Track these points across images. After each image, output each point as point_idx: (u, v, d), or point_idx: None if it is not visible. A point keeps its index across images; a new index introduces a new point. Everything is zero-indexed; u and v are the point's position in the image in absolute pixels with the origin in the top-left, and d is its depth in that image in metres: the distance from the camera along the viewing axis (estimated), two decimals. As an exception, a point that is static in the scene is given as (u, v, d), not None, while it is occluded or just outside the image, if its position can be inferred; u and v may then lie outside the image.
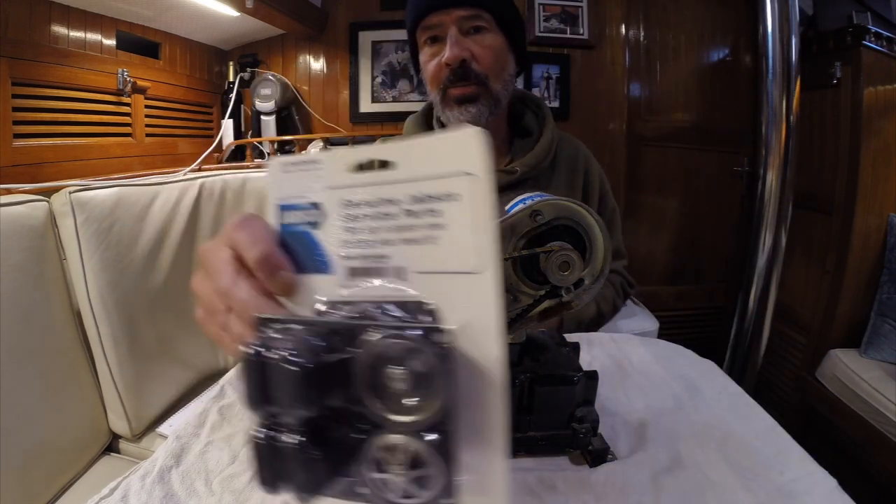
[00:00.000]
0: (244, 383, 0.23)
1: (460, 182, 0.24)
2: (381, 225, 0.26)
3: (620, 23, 1.80)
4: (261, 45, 1.82)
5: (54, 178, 1.06)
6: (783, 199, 1.54)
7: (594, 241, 0.39)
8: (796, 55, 1.46)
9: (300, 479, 0.23)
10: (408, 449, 0.22)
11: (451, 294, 0.24)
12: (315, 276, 0.27)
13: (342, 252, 0.27)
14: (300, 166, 0.28)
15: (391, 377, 0.22)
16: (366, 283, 0.26)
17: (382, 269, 0.26)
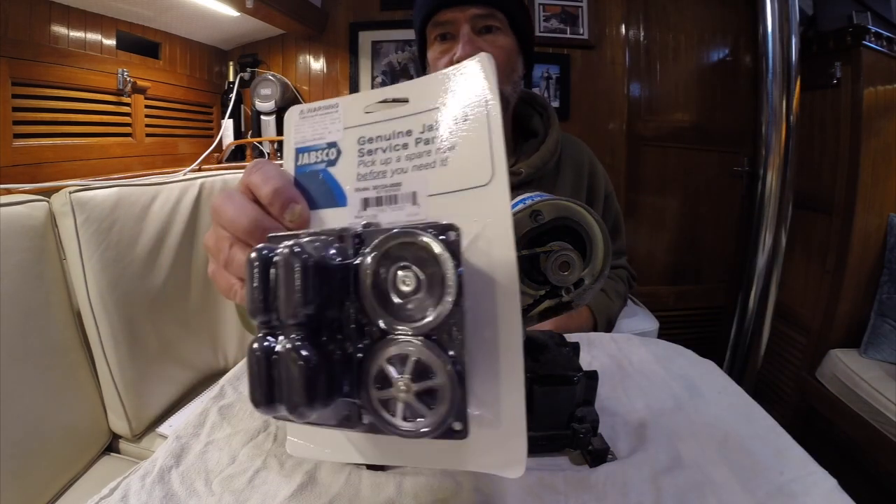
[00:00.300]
0: (247, 286, 0.22)
1: (470, 105, 0.26)
2: (395, 155, 0.27)
3: (620, 23, 1.80)
4: (261, 45, 1.82)
5: (54, 178, 1.06)
6: (783, 199, 1.54)
7: (594, 241, 0.39)
8: (796, 55, 1.47)
9: (293, 391, 0.21)
10: (414, 356, 0.21)
11: (463, 210, 0.25)
12: (330, 209, 0.28)
13: (356, 185, 0.28)
14: (319, 111, 0.29)
15: (398, 279, 0.21)
16: (378, 213, 0.27)
17: (395, 196, 0.27)
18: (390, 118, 0.28)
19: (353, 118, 0.28)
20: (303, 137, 0.29)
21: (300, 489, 0.36)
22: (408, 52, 1.79)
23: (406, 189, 0.26)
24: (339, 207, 0.28)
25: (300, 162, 0.29)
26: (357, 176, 0.28)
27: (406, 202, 0.26)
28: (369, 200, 0.27)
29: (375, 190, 0.27)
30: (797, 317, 1.66)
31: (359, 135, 0.28)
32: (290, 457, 0.40)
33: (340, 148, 0.28)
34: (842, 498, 0.35)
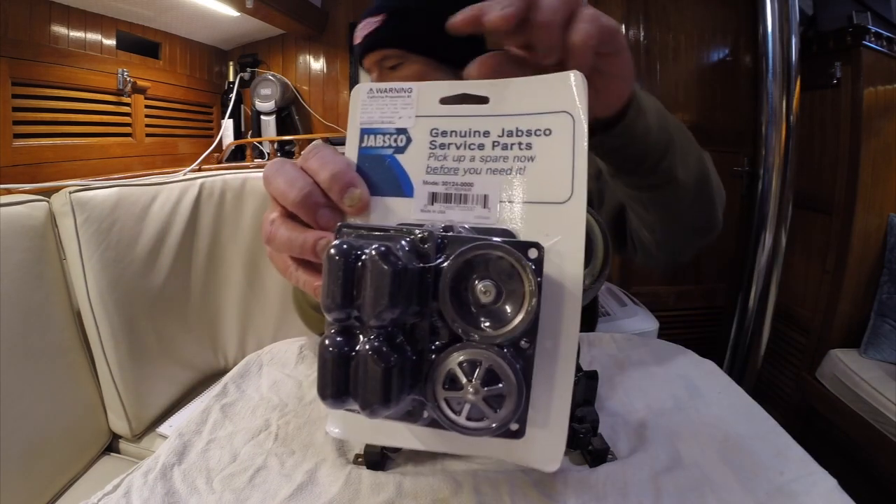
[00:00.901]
0: (325, 283, 0.22)
1: (556, 119, 0.25)
2: (468, 154, 0.27)
3: (620, 23, 1.80)
4: (261, 45, 1.82)
5: (54, 178, 1.06)
6: (783, 199, 1.54)
7: (594, 241, 0.39)
8: (796, 55, 1.46)
9: (368, 391, 0.22)
10: (486, 363, 0.22)
11: (536, 222, 0.25)
12: (394, 198, 0.27)
13: (425, 178, 0.27)
14: (389, 93, 0.28)
15: (478, 290, 0.22)
16: (446, 209, 0.26)
17: (466, 196, 0.26)
18: (468, 114, 0.27)
19: (427, 107, 0.28)
20: (370, 118, 0.28)
21: (300, 489, 0.36)
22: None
23: (478, 191, 0.26)
24: (405, 198, 0.27)
25: (364, 143, 0.28)
26: (427, 168, 0.27)
27: (476, 204, 0.26)
28: (437, 196, 0.27)
29: (445, 186, 0.27)
30: (797, 317, 1.66)
31: (432, 126, 0.27)
32: (290, 456, 0.40)
33: (411, 136, 0.28)
34: (842, 498, 0.35)
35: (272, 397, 0.49)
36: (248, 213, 1.13)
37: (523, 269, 0.21)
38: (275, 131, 1.72)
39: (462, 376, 0.22)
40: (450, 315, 0.22)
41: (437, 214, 0.26)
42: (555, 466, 0.24)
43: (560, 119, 0.25)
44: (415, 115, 0.28)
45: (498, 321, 0.22)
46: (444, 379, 0.22)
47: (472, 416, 0.22)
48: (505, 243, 0.22)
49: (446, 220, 0.26)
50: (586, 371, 0.40)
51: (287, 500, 0.35)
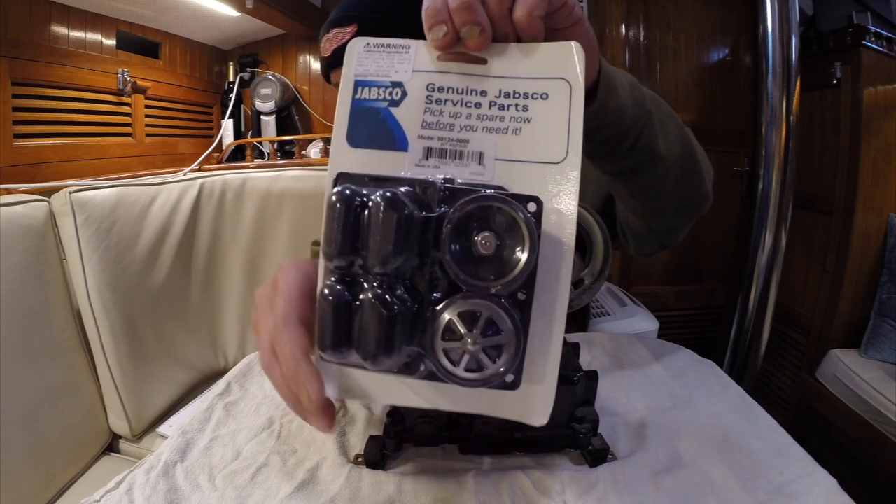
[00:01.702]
0: (328, 230, 0.22)
1: (554, 84, 0.26)
2: (465, 111, 0.27)
3: (620, 23, 1.80)
4: (261, 45, 1.82)
5: (54, 178, 1.06)
6: (783, 199, 1.54)
7: (594, 241, 0.39)
8: (796, 55, 1.46)
9: (372, 340, 0.22)
10: (486, 313, 0.22)
11: (531, 181, 0.25)
12: (388, 151, 0.27)
13: (421, 132, 0.27)
14: (387, 49, 0.28)
15: (478, 241, 0.22)
16: (441, 164, 0.26)
17: (461, 153, 0.26)
18: (466, 72, 0.27)
19: (424, 63, 0.27)
20: (365, 70, 0.28)
21: (301, 487, 0.36)
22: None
23: (473, 147, 0.26)
24: (399, 151, 0.27)
25: (358, 95, 0.28)
26: (422, 123, 0.27)
27: (472, 160, 0.26)
28: (432, 150, 0.27)
29: (440, 141, 0.26)
30: (797, 317, 1.66)
31: (429, 81, 0.27)
32: (292, 454, 0.40)
33: (406, 90, 0.27)
34: (842, 498, 0.35)
35: (275, 396, 0.49)
36: (248, 213, 1.13)
37: (522, 222, 0.21)
38: (275, 131, 1.72)
39: (461, 327, 0.22)
40: (450, 265, 0.22)
41: (432, 169, 0.26)
42: (544, 420, 0.25)
43: (557, 85, 0.26)
44: (412, 69, 0.27)
45: (497, 272, 0.22)
46: (444, 330, 0.23)
47: (470, 366, 0.23)
48: (505, 195, 0.22)
49: (442, 175, 0.26)
50: (586, 371, 0.40)
51: (288, 498, 0.35)
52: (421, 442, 0.40)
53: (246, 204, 1.13)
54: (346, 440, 0.43)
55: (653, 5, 1.82)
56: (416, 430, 0.39)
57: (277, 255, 1.14)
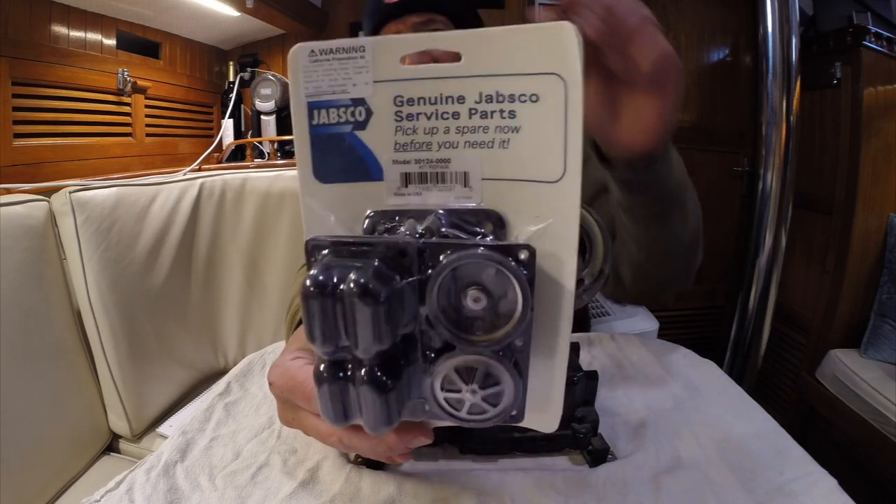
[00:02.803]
0: (307, 321, 0.20)
1: (544, 82, 0.22)
2: (443, 125, 0.23)
3: (620, 23, 1.80)
4: (261, 45, 1.82)
5: (54, 178, 1.06)
6: (783, 199, 1.54)
7: (594, 241, 0.39)
8: (796, 55, 1.46)
9: (372, 417, 0.21)
10: (482, 368, 0.22)
11: (525, 203, 0.22)
12: (361, 184, 0.24)
13: (394, 156, 0.24)
14: (337, 54, 0.23)
15: (468, 299, 0.21)
16: (422, 191, 0.24)
17: (443, 175, 0.23)
18: (437, 76, 0.23)
19: (385, 69, 0.23)
20: (316, 88, 0.24)
21: (301, 487, 0.36)
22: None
23: (456, 167, 0.23)
24: (375, 182, 0.24)
25: (315, 120, 0.24)
26: (395, 145, 0.23)
27: (456, 183, 0.23)
28: (411, 176, 0.24)
29: (418, 164, 0.23)
30: (797, 317, 1.66)
31: (395, 92, 0.23)
32: (292, 454, 0.40)
33: (371, 107, 0.23)
34: (842, 498, 0.35)
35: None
36: (248, 213, 1.13)
37: (513, 275, 0.20)
38: (275, 131, 1.72)
39: (459, 380, 0.22)
40: (440, 327, 0.21)
41: (413, 197, 0.24)
42: (552, 429, 0.25)
43: (549, 82, 0.21)
44: (372, 80, 0.23)
45: (490, 326, 0.21)
46: (442, 382, 0.22)
47: (472, 411, 0.23)
48: (491, 248, 0.20)
49: (422, 204, 0.24)
50: (586, 371, 0.40)
51: (288, 498, 0.35)
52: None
53: (246, 204, 1.13)
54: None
55: (653, 5, 1.80)
56: (416, 430, 0.39)
57: (277, 255, 1.14)
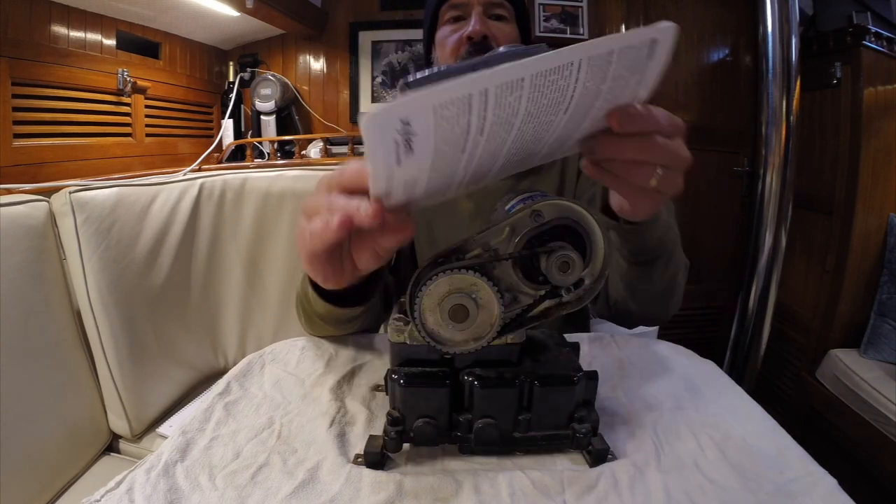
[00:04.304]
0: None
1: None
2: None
3: (620, 23, 1.80)
4: (261, 45, 1.82)
5: (54, 178, 1.06)
6: (783, 199, 1.54)
7: (594, 241, 0.39)
8: (796, 55, 1.46)
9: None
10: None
11: None
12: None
13: None
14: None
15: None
16: None
17: None
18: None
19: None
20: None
21: (301, 486, 0.36)
22: (408, 52, 1.80)
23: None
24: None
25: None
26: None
27: None
28: None
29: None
30: (797, 317, 1.66)
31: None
32: (292, 454, 0.40)
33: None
34: (842, 498, 0.35)
35: (275, 395, 0.49)
36: (248, 213, 1.13)
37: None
38: (275, 131, 1.72)
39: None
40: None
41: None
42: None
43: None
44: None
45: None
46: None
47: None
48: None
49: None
50: (586, 371, 0.40)
51: (288, 498, 0.35)
52: (421, 442, 0.40)
53: (246, 204, 1.13)
54: (346, 440, 0.43)
55: (653, 5, 1.83)
56: (416, 431, 0.39)
57: (277, 255, 1.14)
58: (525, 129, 0.30)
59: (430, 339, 0.38)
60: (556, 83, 0.27)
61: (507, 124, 0.29)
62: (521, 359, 0.41)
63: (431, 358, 0.40)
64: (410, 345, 0.40)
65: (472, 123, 0.27)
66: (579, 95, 0.29)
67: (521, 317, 0.40)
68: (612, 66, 0.29)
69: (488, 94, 0.25)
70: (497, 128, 0.28)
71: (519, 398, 0.40)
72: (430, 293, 0.37)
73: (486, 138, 0.29)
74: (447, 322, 0.37)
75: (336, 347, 0.59)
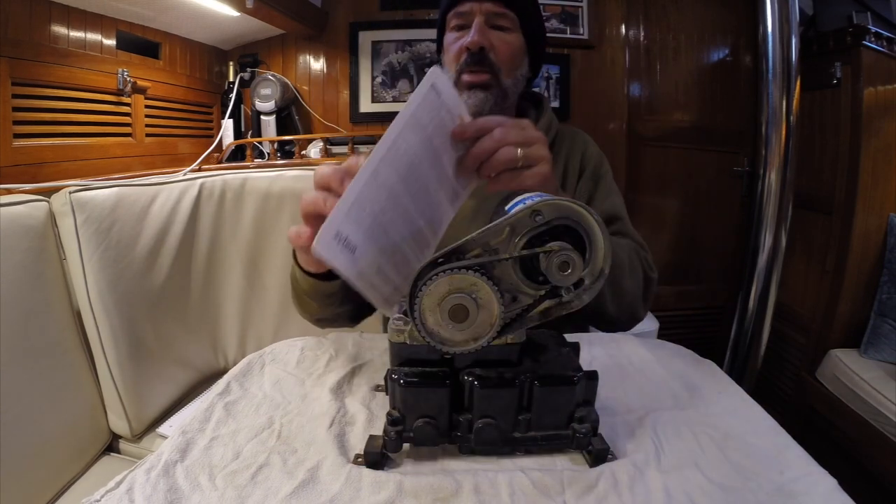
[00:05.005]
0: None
1: None
2: None
3: (620, 23, 1.80)
4: (261, 45, 1.82)
5: (54, 178, 1.06)
6: (783, 199, 1.54)
7: (594, 241, 0.39)
8: (796, 55, 1.46)
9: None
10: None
11: None
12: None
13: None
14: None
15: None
16: None
17: None
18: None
19: None
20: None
21: (301, 486, 0.36)
22: (408, 52, 1.79)
23: None
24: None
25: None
26: None
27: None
28: None
29: None
30: (797, 317, 1.66)
31: None
32: (292, 454, 0.40)
33: None
34: (842, 498, 0.35)
35: (275, 395, 0.49)
36: (248, 213, 1.13)
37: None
38: (275, 131, 1.72)
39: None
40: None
41: None
42: None
43: None
44: None
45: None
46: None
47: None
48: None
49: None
50: (586, 371, 0.40)
51: (288, 498, 0.35)
52: (421, 442, 0.40)
53: (246, 204, 1.13)
54: (346, 440, 0.43)
55: (653, 5, 1.83)
56: (416, 431, 0.39)
57: (277, 255, 1.14)
58: (415, 187, 0.41)
59: (430, 339, 0.38)
60: (399, 153, 0.39)
61: (397, 197, 0.40)
62: (521, 359, 0.41)
63: (431, 358, 0.40)
64: (410, 345, 0.40)
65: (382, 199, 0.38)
66: (420, 149, 0.40)
67: (521, 317, 0.40)
68: (422, 119, 0.40)
69: (374, 178, 0.37)
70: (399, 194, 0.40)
71: (519, 398, 0.40)
72: (430, 293, 0.37)
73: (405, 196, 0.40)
74: (447, 322, 0.37)
75: (336, 347, 0.59)
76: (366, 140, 1.71)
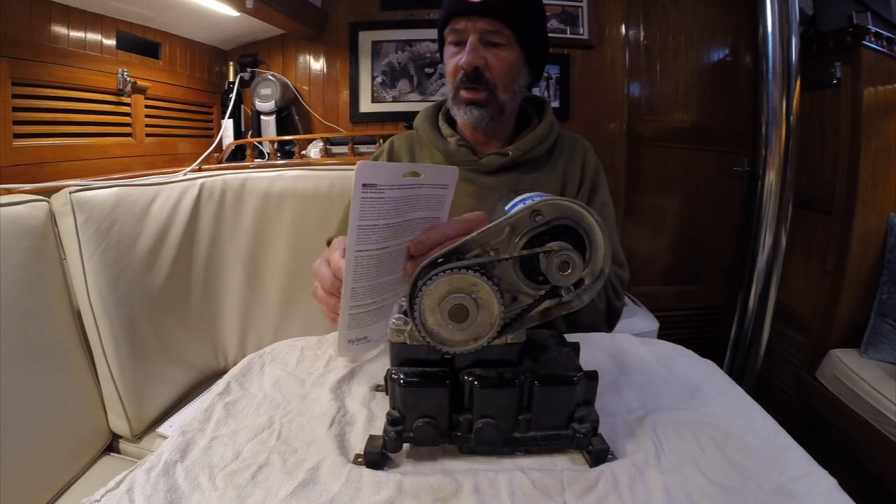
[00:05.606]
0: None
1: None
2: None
3: (620, 23, 1.80)
4: (261, 45, 1.82)
5: (54, 178, 1.06)
6: (783, 199, 1.54)
7: (594, 241, 0.39)
8: (796, 55, 1.46)
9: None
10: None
11: None
12: None
13: None
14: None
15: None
16: None
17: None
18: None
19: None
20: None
21: (301, 486, 0.36)
22: (408, 52, 1.79)
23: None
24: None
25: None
26: None
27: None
28: None
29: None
30: (797, 317, 1.66)
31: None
32: (292, 454, 0.40)
33: None
34: (842, 498, 0.35)
35: (275, 395, 0.49)
36: (248, 213, 1.13)
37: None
38: (275, 131, 1.72)
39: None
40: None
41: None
42: None
43: None
44: None
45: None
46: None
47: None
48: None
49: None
50: (586, 371, 0.40)
51: (288, 498, 0.35)
52: (421, 442, 0.40)
53: (246, 204, 1.13)
54: (346, 440, 0.43)
55: (653, 5, 1.83)
56: (416, 431, 0.39)
57: (277, 255, 1.14)
58: (391, 265, 0.46)
59: (430, 339, 0.38)
60: (363, 262, 0.44)
61: (381, 286, 0.47)
62: (521, 359, 0.41)
63: (431, 358, 0.40)
64: (410, 345, 0.40)
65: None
66: (382, 242, 0.44)
67: (521, 317, 0.40)
68: (370, 218, 0.42)
69: (354, 297, 0.46)
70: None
71: (519, 398, 0.40)
72: (430, 293, 0.37)
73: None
74: (447, 322, 0.37)
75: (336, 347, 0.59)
76: (366, 140, 1.71)
